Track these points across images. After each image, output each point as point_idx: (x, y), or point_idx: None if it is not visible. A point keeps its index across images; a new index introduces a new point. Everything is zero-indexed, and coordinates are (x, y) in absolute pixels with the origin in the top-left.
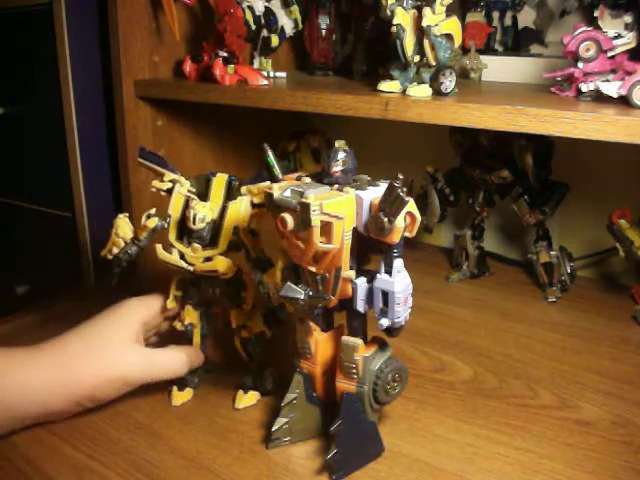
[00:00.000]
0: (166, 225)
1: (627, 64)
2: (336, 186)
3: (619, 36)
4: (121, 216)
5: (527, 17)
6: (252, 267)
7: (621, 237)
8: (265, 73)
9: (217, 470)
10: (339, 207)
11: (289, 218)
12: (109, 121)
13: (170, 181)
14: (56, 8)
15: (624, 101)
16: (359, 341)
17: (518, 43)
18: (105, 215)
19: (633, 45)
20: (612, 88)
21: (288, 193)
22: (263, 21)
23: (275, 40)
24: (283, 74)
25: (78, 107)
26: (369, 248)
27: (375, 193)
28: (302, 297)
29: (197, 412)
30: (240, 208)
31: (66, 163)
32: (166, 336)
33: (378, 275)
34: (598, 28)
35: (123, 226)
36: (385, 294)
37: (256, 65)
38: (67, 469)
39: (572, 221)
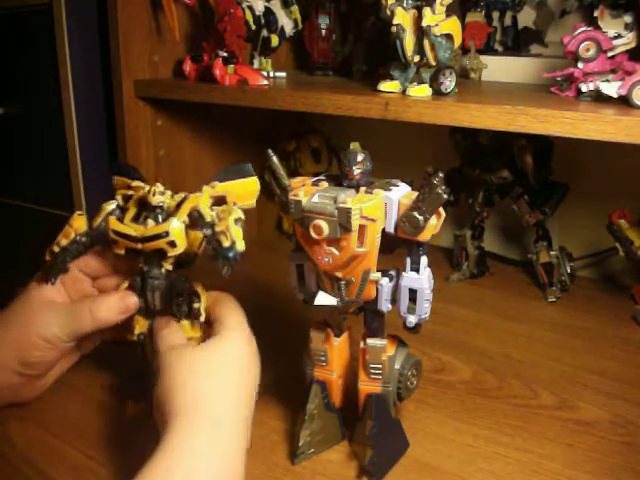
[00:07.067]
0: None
1: (627, 64)
2: (363, 189)
3: (619, 36)
4: (78, 212)
5: (527, 17)
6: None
7: (621, 237)
8: (265, 73)
9: None
10: (375, 210)
11: (324, 224)
12: (109, 121)
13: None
14: (56, 8)
15: (624, 101)
16: (385, 341)
17: (518, 43)
18: None
19: (633, 45)
20: (612, 88)
21: (316, 199)
22: (263, 21)
23: (275, 40)
24: (283, 74)
25: (78, 107)
26: (386, 248)
27: (399, 193)
28: (337, 304)
29: None
30: (200, 197)
31: (66, 163)
32: None
33: (404, 273)
34: (598, 28)
35: (79, 220)
36: (413, 291)
37: (256, 65)
38: (67, 469)
39: (572, 221)
